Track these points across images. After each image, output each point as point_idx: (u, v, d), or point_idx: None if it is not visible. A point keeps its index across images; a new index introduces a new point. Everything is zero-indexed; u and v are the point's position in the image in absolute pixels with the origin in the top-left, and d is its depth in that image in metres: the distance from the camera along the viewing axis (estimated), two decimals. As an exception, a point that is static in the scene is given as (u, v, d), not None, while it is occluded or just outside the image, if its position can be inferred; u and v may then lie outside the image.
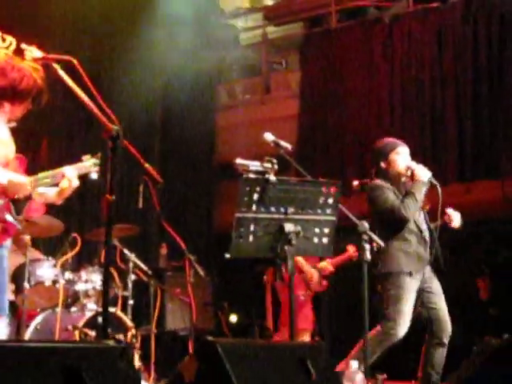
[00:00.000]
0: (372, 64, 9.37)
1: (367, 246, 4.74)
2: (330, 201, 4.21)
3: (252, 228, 4.00)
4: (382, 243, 4.81)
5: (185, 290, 6.41)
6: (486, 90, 8.53)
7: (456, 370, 5.71)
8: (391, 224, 5.19)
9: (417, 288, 5.17)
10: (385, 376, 6.01)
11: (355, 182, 5.99)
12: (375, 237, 4.82)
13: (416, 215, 5.21)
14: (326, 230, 4.22)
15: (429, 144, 8.68)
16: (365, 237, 4.72)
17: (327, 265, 6.84)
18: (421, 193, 5.15)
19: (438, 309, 5.20)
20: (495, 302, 9.11)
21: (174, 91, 10.15)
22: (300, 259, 6.50)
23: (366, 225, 4.76)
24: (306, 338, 6.59)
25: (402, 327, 5.06)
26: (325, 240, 4.23)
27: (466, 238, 5.40)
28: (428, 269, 5.25)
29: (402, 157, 5.32)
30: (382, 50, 9.28)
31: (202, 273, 6.31)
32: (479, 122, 8.53)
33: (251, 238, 4.01)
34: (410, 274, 5.10)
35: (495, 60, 8.52)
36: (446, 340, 5.19)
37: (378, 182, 5.31)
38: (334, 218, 4.26)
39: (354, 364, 4.17)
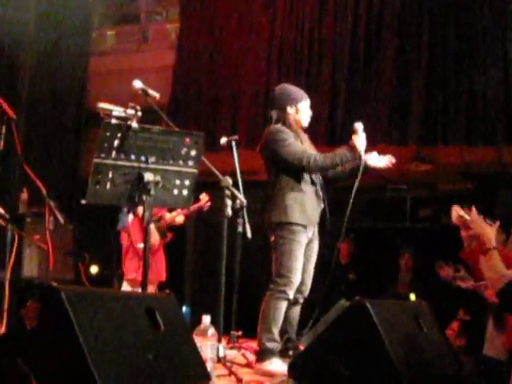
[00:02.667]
0: (252, 22, 9.32)
1: (229, 202, 4.72)
2: (193, 153, 4.13)
3: (110, 175, 3.89)
4: (244, 199, 4.78)
5: (44, 237, 6.24)
6: (362, 57, 8.64)
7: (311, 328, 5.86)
8: (290, 172, 4.97)
9: (305, 244, 5.00)
10: (240, 333, 6.06)
11: (223, 139, 5.95)
12: (238, 193, 4.80)
13: None
14: (187, 182, 4.15)
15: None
16: (227, 192, 4.70)
17: (176, 216, 6.75)
18: (339, 164, 4.98)
19: (305, 270, 5.07)
20: (355, 266, 9.38)
21: (44, 33, 9.82)
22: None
23: (229, 180, 4.73)
24: (151, 289, 6.56)
25: (295, 285, 4.93)
26: (185, 192, 4.15)
27: (336, 203, 5.43)
28: (316, 227, 5.10)
29: (307, 110, 5.16)
30: (262, 8, 9.23)
31: (62, 220, 6.14)
32: (352, 89, 8.65)
33: (109, 185, 3.90)
34: (304, 226, 4.92)
35: (374, 27, 8.62)
36: (301, 300, 5.19)
37: (279, 126, 5.04)
38: (195, 171, 4.18)
39: (206, 319, 4.14)
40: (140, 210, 5.81)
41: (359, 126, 5.00)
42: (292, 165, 4.94)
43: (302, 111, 5.14)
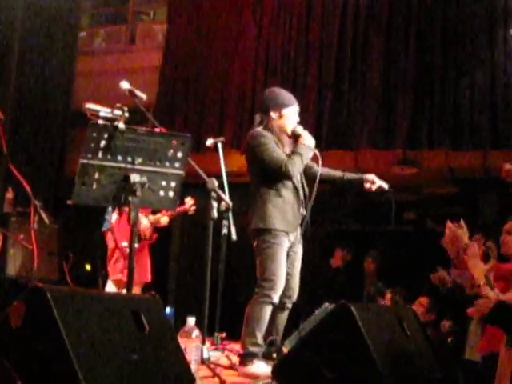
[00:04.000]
0: (240, 24, 9.34)
1: (215, 204, 4.73)
2: (180, 155, 4.13)
3: (96, 176, 3.88)
4: (229, 202, 4.79)
5: (29, 236, 6.22)
6: (348, 62, 8.68)
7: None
8: (270, 177, 4.92)
9: (287, 248, 4.97)
10: (224, 335, 6.06)
11: (209, 141, 5.94)
12: (223, 195, 4.80)
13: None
14: (173, 184, 4.15)
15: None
16: (213, 194, 4.70)
17: (161, 217, 6.72)
18: (307, 157, 4.99)
19: (291, 275, 5.04)
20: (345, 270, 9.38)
21: (32, 32, 9.80)
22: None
23: (215, 182, 4.74)
24: (136, 290, 6.52)
25: (280, 288, 4.89)
26: (171, 194, 4.15)
27: (322, 207, 5.44)
28: (298, 231, 5.04)
29: (293, 116, 5.04)
30: (250, 11, 9.25)
31: (46, 220, 6.11)
32: (339, 94, 8.68)
33: (95, 186, 3.90)
34: (285, 232, 4.90)
35: (361, 32, 8.66)
36: (289, 305, 5.17)
37: (260, 129, 4.98)
38: (181, 172, 4.18)
39: (191, 320, 4.15)
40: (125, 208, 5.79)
41: (299, 129, 4.98)
42: (271, 170, 4.89)
43: (286, 117, 5.02)
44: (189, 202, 6.75)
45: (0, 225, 6.70)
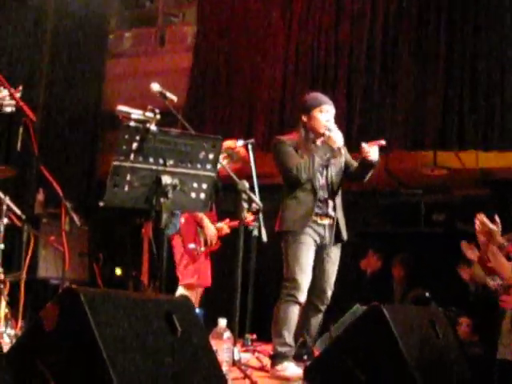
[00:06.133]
0: (269, 25, 9.32)
1: (245, 205, 4.73)
2: (211, 156, 4.14)
3: (128, 177, 3.89)
4: (260, 203, 4.79)
5: (60, 238, 6.26)
6: (378, 63, 8.63)
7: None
8: (285, 181, 5.19)
9: (314, 247, 5.06)
10: (254, 336, 6.07)
11: (239, 142, 5.97)
12: (254, 197, 4.81)
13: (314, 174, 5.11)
14: (205, 186, 4.16)
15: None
16: (244, 196, 4.71)
17: (224, 226, 6.63)
18: (324, 157, 5.07)
19: (322, 277, 5.11)
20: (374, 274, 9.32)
21: (62, 36, 9.89)
22: (200, 214, 6.24)
23: (246, 184, 4.75)
24: (199, 292, 6.47)
25: (305, 288, 4.96)
26: (202, 195, 4.16)
27: (347, 207, 5.45)
28: (329, 234, 5.11)
29: (324, 116, 5.14)
30: (279, 12, 9.23)
31: (77, 221, 6.17)
32: (369, 94, 8.63)
33: (127, 188, 3.91)
34: (302, 232, 5.00)
35: (390, 34, 8.61)
36: (322, 307, 5.19)
37: (279, 136, 5.27)
38: (213, 174, 4.19)
39: (222, 322, 4.16)
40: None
41: (326, 130, 5.08)
42: (283, 178, 5.18)
43: (315, 118, 5.16)
44: (249, 217, 6.73)
45: (31, 226, 6.74)
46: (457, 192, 10.31)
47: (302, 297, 4.95)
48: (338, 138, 5.05)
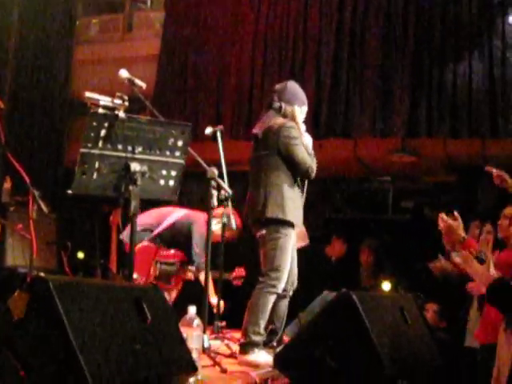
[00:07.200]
0: (237, 12, 9.29)
1: (215, 193, 4.72)
2: (180, 143, 4.12)
3: (97, 165, 3.87)
4: (229, 190, 4.78)
5: (27, 226, 6.20)
6: (347, 50, 8.64)
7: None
8: (290, 170, 5.02)
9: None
10: (224, 323, 6.06)
11: (208, 129, 5.93)
12: (223, 184, 4.80)
13: None
14: (174, 173, 4.14)
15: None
16: (213, 183, 4.69)
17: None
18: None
19: (294, 263, 5.14)
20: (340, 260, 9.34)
21: (29, 23, 9.79)
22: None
23: (214, 171, 4.73)
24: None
25: (285, 279, 4.97)
26: (171, 182, 4.15)
27: (316, 194, 5.46)
28: None
29: (302, 117, 5.20)
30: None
31: (45, 209, 6.11)
32: (337, 82, 8.64)
33: (95, 175, 3.88)
34: (293, 225, 4.98)
35: (359, 19, 8.61)
36: (290, 292, 5.21)
37: (292, 122, 5.07)
38: (182, 161, 4.17)
39: (192, 309, 4.15)
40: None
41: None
42: (298, 168, 5.01)
43: (303, 114, 5.22)
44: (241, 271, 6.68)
45: (-2, 215, 6.68)
46: (425, 179, 10.39)
47: (281, 288, 4.98)
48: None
